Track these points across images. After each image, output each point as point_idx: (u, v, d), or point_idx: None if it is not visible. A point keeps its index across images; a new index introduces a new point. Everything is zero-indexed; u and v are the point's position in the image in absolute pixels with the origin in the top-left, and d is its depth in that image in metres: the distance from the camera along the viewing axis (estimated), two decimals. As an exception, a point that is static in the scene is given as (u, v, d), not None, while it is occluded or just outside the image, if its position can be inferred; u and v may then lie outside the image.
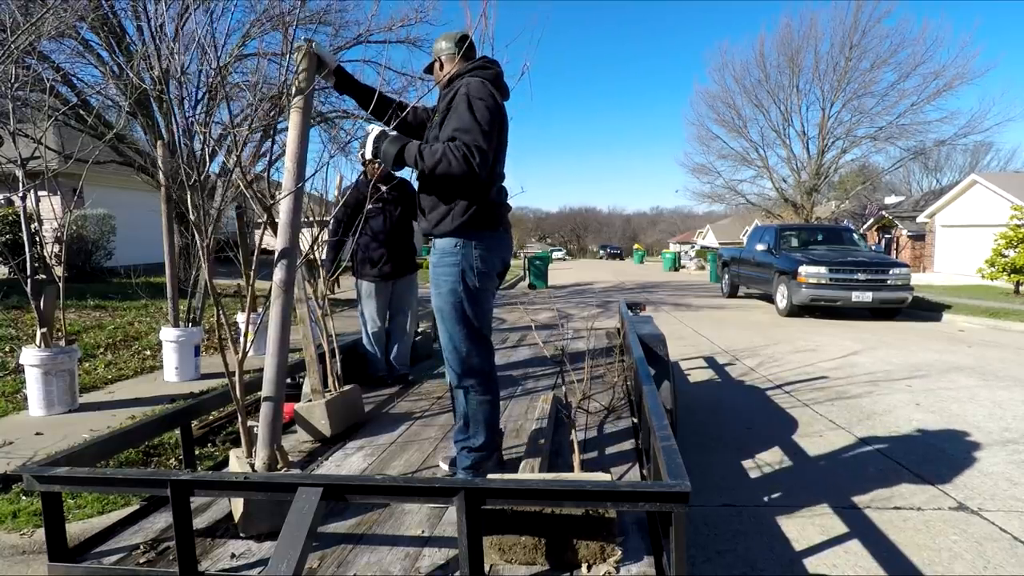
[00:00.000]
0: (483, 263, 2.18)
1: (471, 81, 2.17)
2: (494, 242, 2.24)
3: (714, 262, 19.69)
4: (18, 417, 4.22)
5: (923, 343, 8.26)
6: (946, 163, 40.08)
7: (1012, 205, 14.29)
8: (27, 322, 6.82)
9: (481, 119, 2.07)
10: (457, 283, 2.16)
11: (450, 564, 1.66)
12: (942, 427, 4.48)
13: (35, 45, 6.00)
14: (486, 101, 2.11)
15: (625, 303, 4.94)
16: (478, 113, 2.07)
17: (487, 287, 2.23)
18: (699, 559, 2.63)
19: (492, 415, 2.30)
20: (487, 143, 2.06)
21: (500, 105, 2.19)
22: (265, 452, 2.01)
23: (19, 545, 2.60)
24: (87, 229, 12.21)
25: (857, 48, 24.05)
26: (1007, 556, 2.65)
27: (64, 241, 5.30)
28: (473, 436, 2.25)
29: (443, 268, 2.18)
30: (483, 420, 2.26)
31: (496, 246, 2.25)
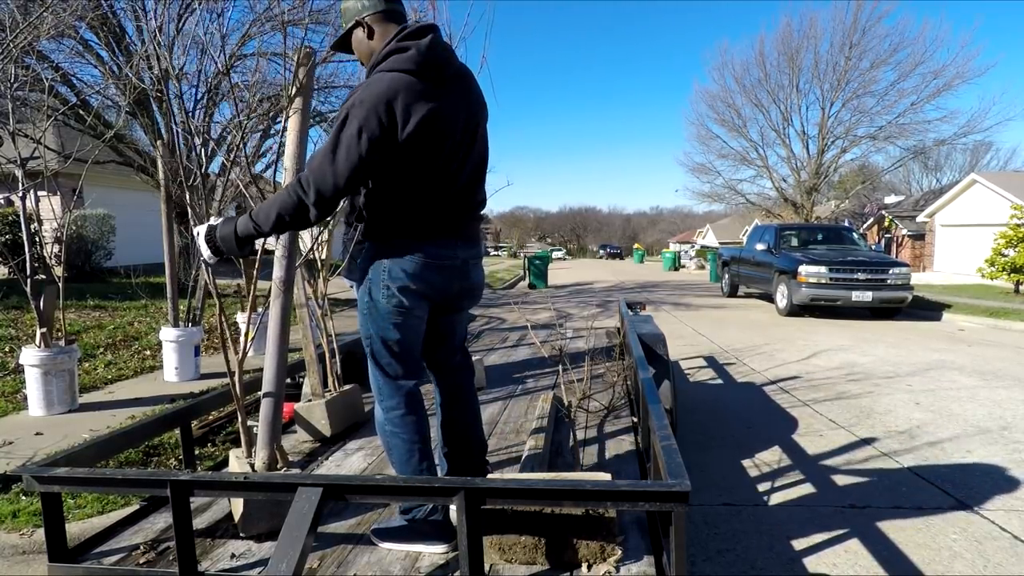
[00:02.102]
0: (393, 280, 1.80)
1: (373, 80, 1.72)
2: (412, 258, 1.80)
3: (714, 262, 19.70)
4: (18, 417, 4.22)
5: (923, 343, 8.27)
6: (946, 163, 40.17)
7: (1012, 204, 14.30)
8: (27, 322, 6.81)
9: (345, 140, 1.65)
10: (364, 295, 1.86)
11: (450, 564, 1.66)
12: (942, 426, 4.48)
13: (34, 45, 5.99)
14: (368, 111, 1.64)
15: (625, 302, 4.94)
16: (346, 132, 1.65)
17: (400, 309, 1.82)
18: (699, 558, 2.63)
19: (407, 456, 1.87)
20: (334, 172, 1.66)
21: (402, 106, 1.66)
22: (265, 452, 2.01)
23: (19, 545, 2.60)
24: (87, 229, 12.21)
25: (857, 48, 24.04)
26: (1007, 555, 2.65)
27: (64, 241, 5.30)
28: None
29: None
30: (395, 461, 1.90)
31: (414, 263, 1.80)
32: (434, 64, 1.74)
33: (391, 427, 1.87)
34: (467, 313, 2.19)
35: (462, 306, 2.07)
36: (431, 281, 1.83)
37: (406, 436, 1.86)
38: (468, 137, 1.85)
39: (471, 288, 2.01)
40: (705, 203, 30.11)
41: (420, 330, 1.92)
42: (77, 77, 10.27)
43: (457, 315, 2.09)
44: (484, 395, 3.55)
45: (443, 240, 1.84)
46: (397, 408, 1.87)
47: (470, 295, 2.04)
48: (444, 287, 1.88)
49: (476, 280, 2.02)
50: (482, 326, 6.74)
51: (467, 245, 1.92)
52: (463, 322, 2.16)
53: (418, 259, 1.80)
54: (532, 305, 10.66)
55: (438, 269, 1.84)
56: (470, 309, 2.17)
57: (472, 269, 1.97)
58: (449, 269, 1.86)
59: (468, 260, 1.93)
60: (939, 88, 22.88)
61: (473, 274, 1.99)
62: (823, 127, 25.45)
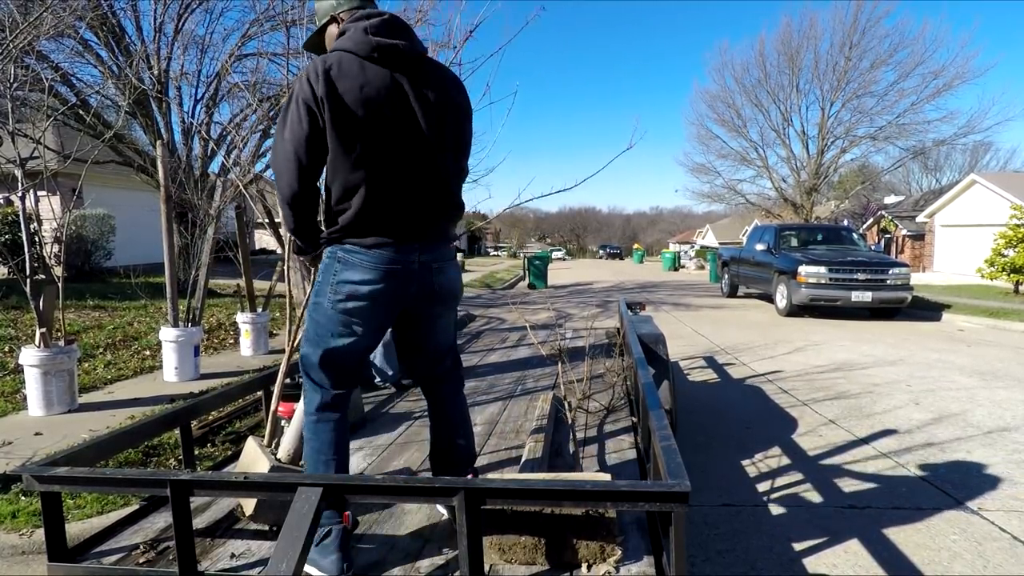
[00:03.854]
0: (340, 286, 1.73)
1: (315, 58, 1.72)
2: (355, 261, 1.72)
3: (714, 262, 19.70)
4: (17, 417, 4.22)
5: (923, 343, 8.27)
6: (946, 163, 40.16)
7: (1011, 205, 14.30)
8: (26, 322, 6.81)
9: (289, 117, 1.65)
10: (313, 296, 1.81)
11: (450, 564, 1.66)
12: (941, 427, 4.48)
13: (34, 44, 5.99)
14: (296, 95, 1.65)
15: (625, 303, 4.94)
16: (289, 108, 1.66)
17: (344, 318, 1.75)
18: (699, 559, 2.63)
19: (312, 464, 1.78)
20: (283, 151, 1.66)
21: (332, 78, 1.63)
22: (293, 446, 2.02)
23: (19, 545, 2.60)
24: (86, 229, 12.20)
25: (857, 48, 24.09)
26: (1006, 556, 2.66)
27: (63, 241, 5.29)
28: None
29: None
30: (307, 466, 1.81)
31: (358, 267, 1.71)
32: (373, 45, 1.68)
33: (306, 432, 1.82)
34: (445, 321, 1.98)
35: (432, 313, 1.90)
36: (381, 288, 1.72)
37: (315, 444, 1.79)
38: (414, 128, 1.71)
39: (437, 294, 1.84)
40: (705, 203, 30.17)
41: (365, 343, 1.81)
42: (77, 77, 10.29)
43: (430, 323, 1.94)
44: (484, 395, 3.55)
45: (396, 243, 1.72)
46: (312, 414, 1.81)
47: (438, 301, 1.87)
48: (398, 294, 1.75)
49: (443, 285, 1.85)
50: (482, 326, 6.74)
51: (430, 248, 1.78)
52: (442, 330, 1.98)
53: (367, 263, 1.70)
54: (532, 305, 10.67)
55: (389, 274, 1.72)
56: (446, 316, 1.97)
57: (436, 274, 1.82)
58: (403, 274, 1.74)
59: (430, 264, 1.79)
60: (939, 88, 22.95)
61: (438, 279, 1.82)
62: (823, 127, 25.48)
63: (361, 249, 1.71)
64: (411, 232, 1.74)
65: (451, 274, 1.89)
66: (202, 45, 10.82)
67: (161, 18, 10.10)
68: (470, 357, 4.75)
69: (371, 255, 1.71)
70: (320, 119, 1.64)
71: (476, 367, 4.37)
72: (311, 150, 1.65)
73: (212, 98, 11.07)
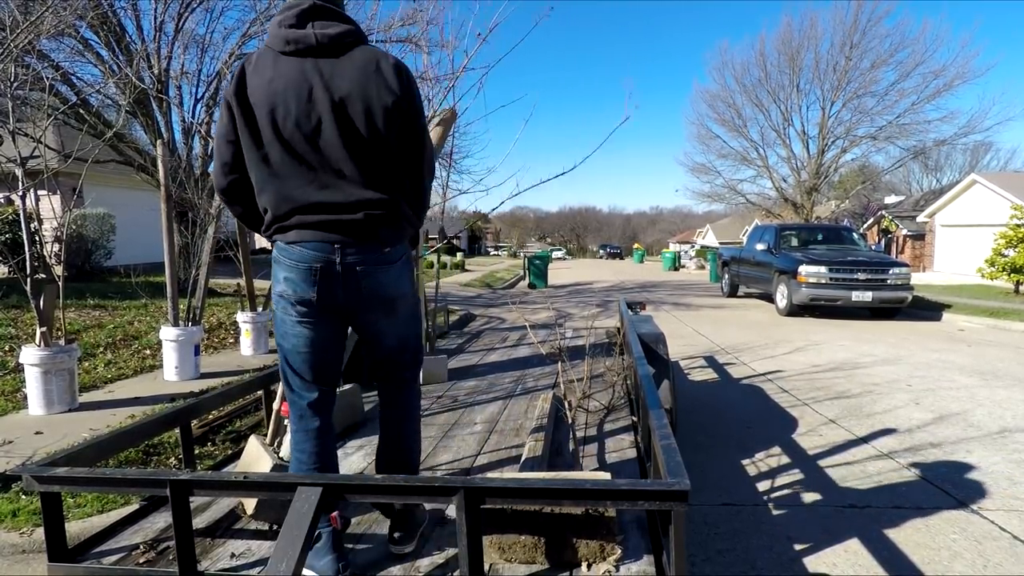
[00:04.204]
0: (275, 285, 1.73)
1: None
2: (283, 260, 1.70)
3: (714, 262, 19.69)
4: (18, 416, 4.22)
5: (923, 342, 8.27)
6: (946, 163, 40.12)
7: (1012, 205, 14.29)
8: (27, 321, 6.81)
9: (217, 120, 1.73)
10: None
11: (450, 563, 1.66)
12: (941, 426, 4.48)
13: (34, 43, 5.99)
14: (231, 81, 1.68)
15: (625, 302, 4.94)
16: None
17: (282, 317, 1.74)
18: (699, 558, 2.63)
19: (300, 461, 1.77)
20: (214, 155, 1.72)
21: (234, 89, 1.64)
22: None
23: (19, 544, 2.60)
24: (87, 228, 12.20)
25: (857, 48, 24.08)
26: (1006, 555, 2.66)
27: (64, 240, 5.30)
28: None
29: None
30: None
31: (284, 266, 1.69)
32: (285, 37, 1.64)
33: (291, 442, 1.83)
34: (384, 328, 1.82)
35: (367, 320, 1.78)
36: (303, 289, 1.66)
37: (296, 452, 1.78)
38: (319, 122, 1.62)
39: (366, 300, 1.71)
40: (705, 203, 30.18)
41: (308, 344, 1.73)
42: (77, 76, 10.28)
43: (367, 331, 1.83)
44: (484, 394, 3.55)
45: (313, 240, 1.64)
46: (293, 423, 1.81)
47: (370, 308, 1.73)
48: (324, 295, 1.66)
49: (371, 290, 1.70)
50: (482, 326, 6.75)
51: (354, 249, 1.66)
52: (384, 338, 1.85)
53: (287, 262, 1.67)
54: (532, 305, 10.66)
55: (310, 273, 1.64)
56: (384, 323, 1.80)
57: (363, 277, 1.68)
58: (325, 275, 1.65)
59: (354, 266, 1.66)
60: (939, 88, 22.94)
61: (365, 283, 1.68)
62: (823, 127, 25.47)
63: (286, 246, 1.68)
64: (328, 230, 1.64)
65: (380, 278, 1.71)
66: (202, 44, 10.82)
67: (161, 17, 10.10)
68: (470, 357, 4.75)
69: (292, 253, 1.66)
70: (233, 115, 1.64)
71: (476, 366, 4.37)
72: (227, 145, 1.68)
73: (212, 97, 11.06)
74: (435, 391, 3.66)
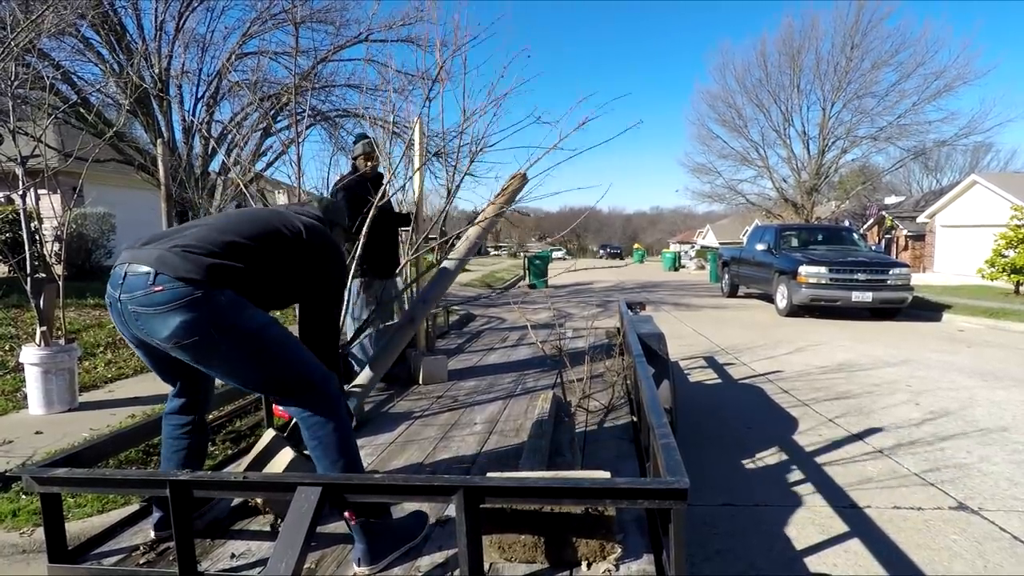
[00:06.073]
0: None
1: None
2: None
3: (714, 262, 19.68)
4: (18, 416, 4.22)
5: (923, 343, 8.26)
6: (946, 163, 40.08)
7: (1012, 205, 14.29)
8: (27, 321, 6.81)
9: None
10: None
11: (450, 563, 1.66)
12: (941, 427, 4.48)
13: (35, 43, 5.99)
14: None
15: (625, 302, 4.94)
16: None
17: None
18: (699, 558, 2.63)
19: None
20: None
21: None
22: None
23: (19, 544, 2.60)
24: (87, 227, 12.18)
25: (858, 48, 24.02)
26: (1007, 556, 2.66)
27: (64, 239, 5.29)
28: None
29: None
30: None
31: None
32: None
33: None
34: (196, 360, 1.67)
35: (178, 353, 1.65)
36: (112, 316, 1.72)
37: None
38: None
39: (154, 339, 1.62)
40: (705, 203, 30.11)
41: (154, 366, 1.85)
42: (78, 75, 10.29)
43: (198, 368, 1.71)
44: (484, 394, 3.55)
45: (114, 268, 1.70)
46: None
47: (167, 343, 1.61)
48: (121, 327, 1.70)
49: (151, 332, 1.61)
50: (482, 325, 6.75)
51: (130, 283, 1.62)
52: (204, 381, 1.93)
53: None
54: (532, 305, 10.66)
55: (108, 304, 1.69)
56: (206, 364, 1.69)
57: (133, 319, 1.62)
58: (113, 309, 1.68)
59: (127, 303, 1.62)
60: (940, 89, 22.88)
61: (136, 325, 1.63)
62: (824, 127, 25.44)
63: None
64: (122, 259, 1.68)
65: (151, 324, 1.60)
66: (203, 44, 10.82)
67: (162, 16, 10.10)
68: (470, 357, 4.75)
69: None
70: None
71: (476, 366, 4.37)
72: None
73: (213, 97, 11.07)
74: (435, 391, 3.66)
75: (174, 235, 1.72)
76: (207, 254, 1.64)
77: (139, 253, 1.66)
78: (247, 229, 1.78)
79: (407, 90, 10.53)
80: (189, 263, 1.60)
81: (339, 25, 11.62)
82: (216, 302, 1.60)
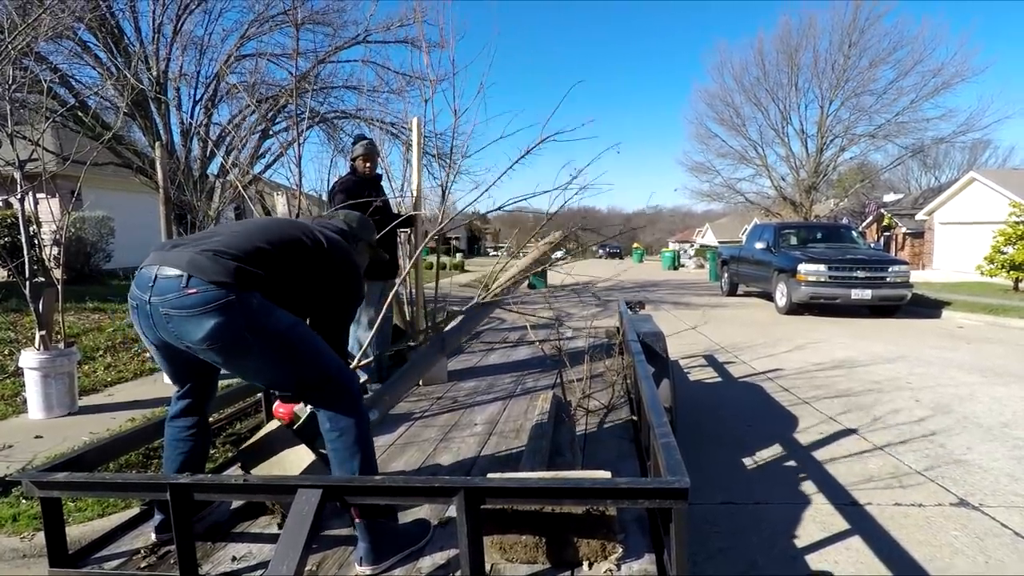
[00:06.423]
0: None
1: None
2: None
3: (713, 261, 19.68)
4: (17, 420, 4.21)
5: (922, 340, 8.27)
6: (945, 160, 40.05)
7: (1011, 202, 14.29)
8: (26, 325, 6.80)
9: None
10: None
11: (451, 563, 1.66)
12: (942, 423, 4.48)
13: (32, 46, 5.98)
14: None
15: (624, 302, 4.94)
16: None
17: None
18: (700, 556, 2.63)
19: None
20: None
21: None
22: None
23: (19, 549, 2.60)
24: (86, 231, 12.18)
25: (856, 46, 24.01)
26: (1008, 552, 2.66)
27: (63, 243, 5.29)
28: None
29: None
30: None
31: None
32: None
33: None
34: (227, 361, 1.70)
35: (209, 355, 1.67)
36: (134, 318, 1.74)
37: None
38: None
39: (185, 341, 1.63)
40: (704, 202, 30.10)
41: (166, 368, 1.93)
42: (75, 78, 10.28)
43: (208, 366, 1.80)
44: (484, 395, 3.55)
45: (140, 270, 1.71)
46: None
47: (200, 345, 1.62)
48: (144, 330, 1.73)
49: (182, 334, 1.62)
50: (482, 326, 6.74)
51: (161, 286, 1.63)
52: (252, 376, 1.92)
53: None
54: (532, 305, 10.66)
55: (132, 307, 1.72)
56: (236, 365, 1.73)
57: (164, 321, 1.63)
58: (139, 311, 1.70)
59: (159, 306, 1.63)
60: (938, 87, 22.88)
61: (167, 328, 1.64)
62: (822, 126, 25.44)
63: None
64: (151, 261, 1.70)
65: (184, 327, 1.61)
66: (201, 46, 10.81)
67: (160, 19, 10.09)
68: (470, 357, 4.75)
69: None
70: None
71: (476, 367, 4.37)
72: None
73: (211, 99, 11.06)
74: (435, 391, 3.66)
75: (202, 240, 1.75)
76: (236, 258, 1.67)
77: (168, 256, 1.68)
78: (271, 237, 1.82)
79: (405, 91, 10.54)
80: (220, 266, 1.63)
81: (337, 27, 11.64)
82: (248, 305, 1.64)
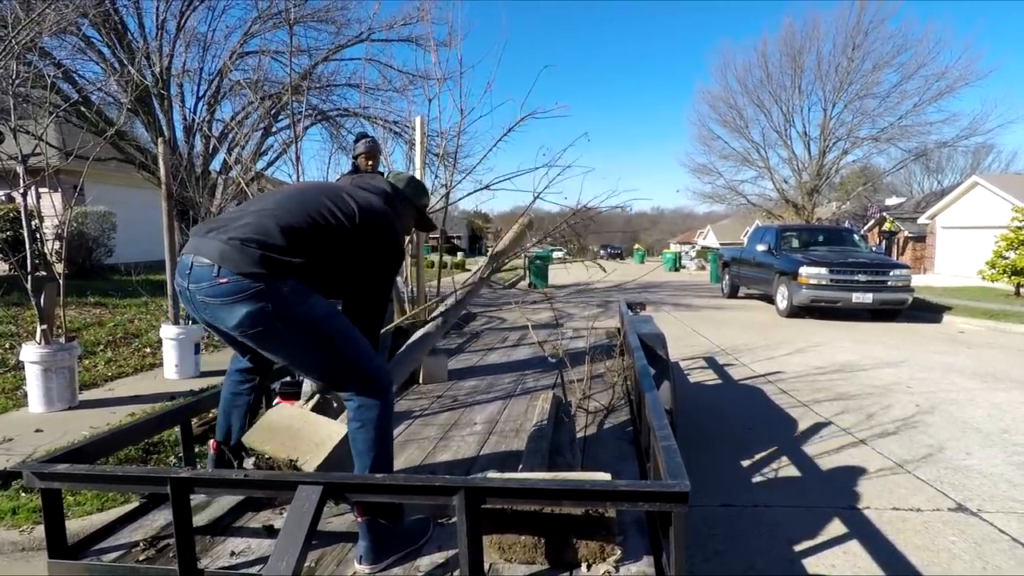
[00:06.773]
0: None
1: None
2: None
3: (715, 262, 19.67)
4: (18, 414, 4.22)
5: (923, 344, 8.26)
6: (947, 165, 39.98)
7: (1013, 207, 14.29)
8: (27, 319, 6.82)
9: None
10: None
11: (450, 563, 1.66)
12: (941, 428, 4.48)
13: (36, 41, 5.99)
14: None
15: (625, 303, 4.94)
16: None
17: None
18: (698, 559, 2.63)
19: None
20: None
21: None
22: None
23: (19, 542, 2.61)
24: (88, 226, 12.20)
25: (860, 49, 24.05)
26: (1006, 557, 2.66)
27: (64, 238, 5.30)
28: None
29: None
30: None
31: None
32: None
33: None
34: (276, 353, 1.79)
35: (246, 340, 1.73)
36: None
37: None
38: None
39: (221, 326, 1.71)
40: (706, 204, 30.17)
41: (222, 338, 1.92)
42: (79, 74, 10.30)
43: (267, 353, 1.81)
44: (484, 394, 3.55)
45: (182, 256, 1.76)
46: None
47: (241, 336, 1.69)
48: (192, 313, 1.80)
49: (218, 320, 1.69)
50: (482, 325, 6.75)
51: (196, 274, 1.68)
52: (289, 360, 1.85)
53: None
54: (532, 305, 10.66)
55: (177, 289, 1.76)
56: (272, 349, 1.77)
57: (202, 308, 1.70)
58: (184, 295, 1.75)
59: (196, 294, 1.69)
60: (941, 90, 22.93)
61: (205, 313, 1.71)
62: (825, 128, 25.45)
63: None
64: (188, 248, 1.74)
65: (219, 313, 1.67)
66: (204, 42, 10.82)
67: (163, 15, 10.11)
68: (470, 356, 4.76)
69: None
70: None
71: (476, 366, 4.37)
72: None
73: (214, 95, 11.07)
74: (435, 391, 3.66)
75: (231, 224, 1.73)
76: (263, 246, 1.66)
77: (202, 244, 1.70)
78: (301, 213, 1.76)
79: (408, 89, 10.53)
80: (247, 256, 1.64)
81: (340, 24, 11.64)
82: (278, 293, 1.65)
